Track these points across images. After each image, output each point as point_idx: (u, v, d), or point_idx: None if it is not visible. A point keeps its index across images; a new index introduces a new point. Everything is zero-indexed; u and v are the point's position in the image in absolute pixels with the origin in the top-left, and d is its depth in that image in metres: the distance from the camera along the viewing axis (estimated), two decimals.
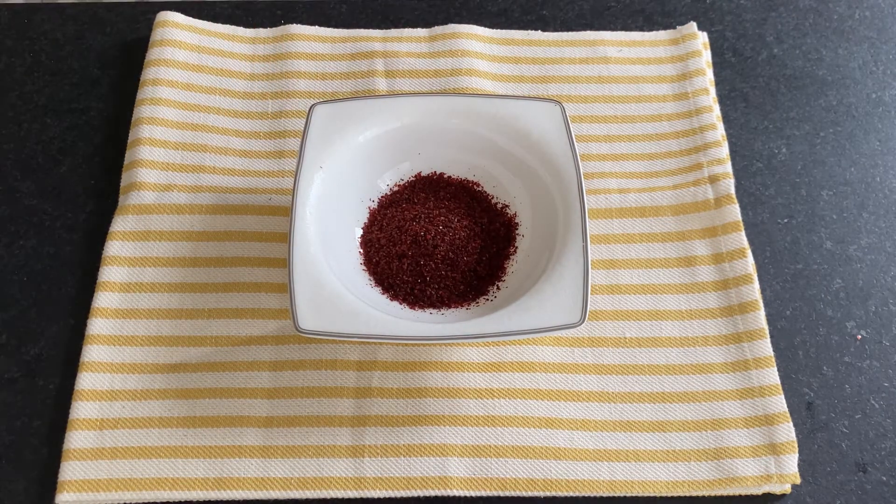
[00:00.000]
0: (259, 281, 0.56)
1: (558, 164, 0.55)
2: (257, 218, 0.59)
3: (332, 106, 0.56)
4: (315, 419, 0.52)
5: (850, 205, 0.62)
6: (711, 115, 0.63)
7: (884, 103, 0.66)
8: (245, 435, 0.51)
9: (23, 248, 0.58)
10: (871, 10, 0.72)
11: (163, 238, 0.57)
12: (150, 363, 0.53)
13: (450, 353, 0.54)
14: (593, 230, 0.58)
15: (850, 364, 0.55)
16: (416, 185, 0.59)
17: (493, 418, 0.52)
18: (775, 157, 0.64)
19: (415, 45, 0.67)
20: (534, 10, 0.71)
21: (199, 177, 0.60)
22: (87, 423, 0.51)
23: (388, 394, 0.52)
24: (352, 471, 0.50)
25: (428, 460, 0.50)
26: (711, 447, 0.51)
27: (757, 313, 0.55)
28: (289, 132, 0.63)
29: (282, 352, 0.54)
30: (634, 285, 0.57)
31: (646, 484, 0.50)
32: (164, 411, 0.52)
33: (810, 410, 0.54)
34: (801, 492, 0.51)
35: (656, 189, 0.61)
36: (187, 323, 0.55)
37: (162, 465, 0.50)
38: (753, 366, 0.54)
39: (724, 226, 0.58)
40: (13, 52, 0.67)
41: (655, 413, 0.52)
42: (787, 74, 0.68)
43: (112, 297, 0.55)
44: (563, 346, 0.55)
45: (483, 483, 0.50)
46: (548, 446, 0.51)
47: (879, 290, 0.58)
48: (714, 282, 0.57)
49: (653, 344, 0.55)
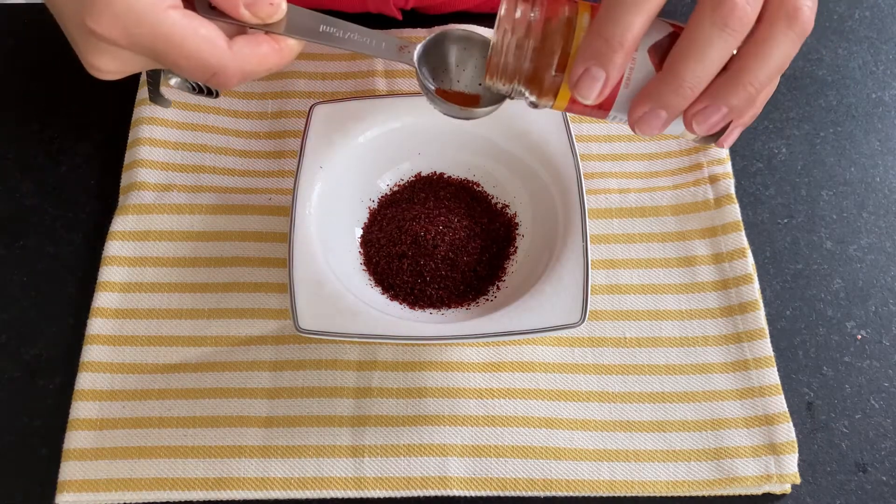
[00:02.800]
0: (259, 281, 0.56)
1: (558, 164, 0.55)
2: (257, 218, 0.59)
3: (332, 106, 0.56)
4: (315, 419, 0.52)
5: (850, 205, 0.62)
6: None
7: (884, 103, 0.66)
8: (245, 435, 0.51)
9: (23, 248, 0.58)
10: (871, 10, 0.72)
11: (163, 238, 0.57)
12: (149, 363, 0.53)
13: (450, 353, 0.54)
14: (593, 230, 0.58)
15: (850, 364, 0.55)
16: (416, 185, 0.59)
17: (493, 418, 0.52)
18: (775, 157, 0.64)
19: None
20: None
21: (199, 177, 0.60)
22: (87, 423, 0.51)
23: (388, 394, 0.52)
24: (352, 471, 0.50)
25: (428, 460, 0.50)
26: (711, 447, 0.51)
27: (757, 313, 0.55)
28: (289, 132, 0.63)
29: (282, 352, 0.54)
30: (634, 285, 0.57)
31: (646, 484, 0.50)
32: (164, 411, 0.52)
33: (810, 410, 0.54)
34: (801, 492, 0.51)
35: (656, 189, 0.61)
36: (187, 323, 0.55)
37: (162, 465, 0.50)
38: (753, 366, 0.54)
39: (724, 226, 0.58)
40: (13, 52, 0.67)
41: (655, 413, 0.52)
42: (787, 74, 0.68)
43: (112, 297, 0.55)
44: (563, 346, 0.55)
45: (483, 483, 0.50)
46: (548, 446, 0.51)
47: (879, 290, 0.58)
48: (714, 282, 0.57)
49: (653, 344, 0.55)
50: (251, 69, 0.40)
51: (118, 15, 0.36)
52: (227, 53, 0.38)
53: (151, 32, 0.37)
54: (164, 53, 0.38)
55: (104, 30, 0.36)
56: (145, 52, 0.38)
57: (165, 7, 0.37)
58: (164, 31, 0.37)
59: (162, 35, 0.37)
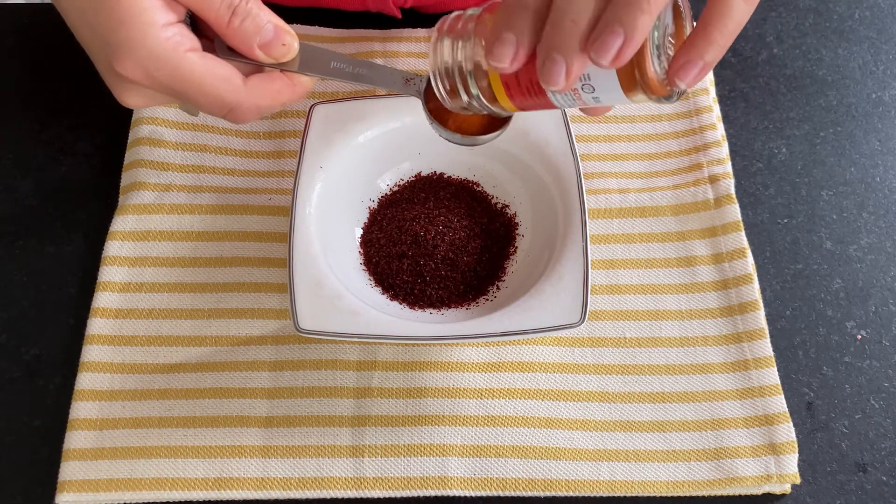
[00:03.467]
0: (259, 281, 0.56)
1: (558, 164, 0.55)
2: (257, 218, 0.59)
3: (332, 106, 0.56)
4: (315, 419, 0.52)
5: (850, 205, 0.62)
6: (711, 115, 0.63)
7: (884, 103, 0.66)
8: (245, 435, 0.51)
9: (23, 248, 0.58)
10: (871, 10, 0.72)
11: (163, 238, 0.57)
12: (149, 363, 0.53)
13: (450, 353, 0.54)
14: (593, 230, 0.58)
15: (850, 364, 0.55)
16: (416, 185, 0.59)
17: (493, 418, 0.52)
18: (775, 157, 0.64)
19: (415, 45, 0.67)
20: None
21: (199, 177, 0.60)
22: (87, 423, 0.51)
23: (388, 394, 0.52)
24: (352, 471, 0.50)
25: (428, 460, 0.50)
26: (711, 447, 0.51)
27: (757, 313, 0.55)
28: (289, 132, 0.63)
29: (282, 352, 0.54)
30: (634, 285, 0.57)
31: (646, 484, 0.50)
32: (164, 411, 0.52)
33: (810, 410, 0.54)
34: (801, 492, 0.51)
35: (656, 189, 0.61)
36: (187, 323, 0.55)
37: (162, 465, 0.50)
38: (753, 366, 0.54)
39: (724, 226, 0.58)
40: (13, 52, 0.67)
41: (655, 413, 0.52)
42: (787, 74, 0.68)
43: (112, 297, 0.55)
44: (563, 346, 0.55)
45: (483, 483, 0.50)
46: (548, 446, 0.51)
47: (879, 290, 0.58)
48: (714, 282, 0.57)
49: (653, 344, 0.55)
50: (266, 104, 0.43)
51: (140, 59, 0.40)
52: (242, 90, 0.42)
53: (171, 74, 0.40)
54: (183, 92, 0.41)
55: (128, 73, 0.40)
56: (167, 91, 0.41)
57: (184, 50, 0.41)
58: (182, 72, 0.40)
59: (181, 76, 0.40)
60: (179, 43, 0.40)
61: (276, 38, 0.42)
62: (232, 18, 0.41)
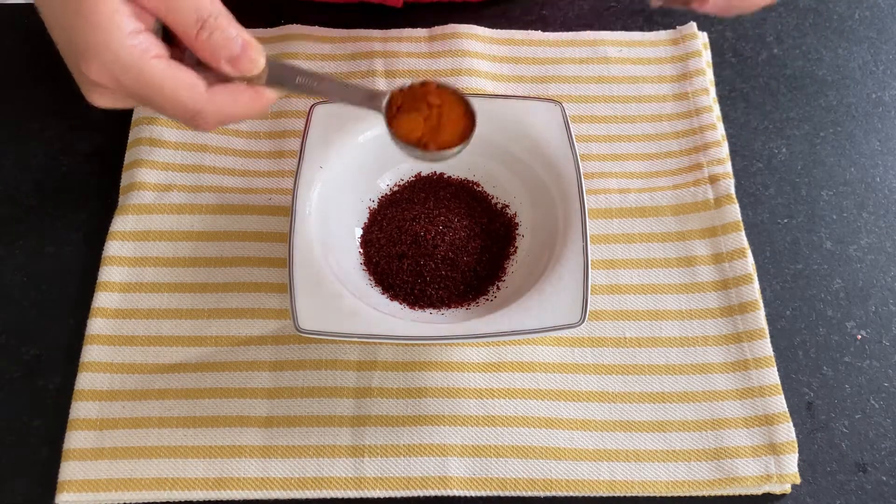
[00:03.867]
0: (259, 281, 0.56)
1: (558, 164, 0.55)
2: (257, 218, 0.59)
3: (332, 106, 0.56)
4: (315, 419, 0.52)
5: (850, 205, 0.62)
6: (711, 115, 0.63)
7: (884, 103, 0.66)
8: (245, 435, 0.51)
9: (23, 248, 0.58)
10: (871, 10, 0.72)
11: (163, 238, 0.57)
12: (149, 363, 0.53)
13: (450, 353, 0.54)
14: (593, 230, 0.58)
15: (850, 364, 0.55)
16: (416, 185, 0.59)
17: (493, 418, 0.52)
18: (775, 157, 0.64)
19: (415, 45, 0.67)
20: (534, 10, 0.71)
21: (199, 177, 0.60)
22: (87, 423, 0.51)
23: (388, 394, 0.52)
24: (352, 471, 0.50)
25: (428, 460, 0.50)
26: (711, 447, 0.51)
27: (757, 313, 0.55)
28: (289, 132, 0.63)
29: (282, 352, 0.54)
30: (634, 285, 0.57)
31: (646, 484, 0.50)
32: (164, 411, 0.52)
33: (810, 410, 0.54)
34: (801, 492, 0.51)
35: (656, 189, 0.61)
36: (187, 323, 0.55)
37: (162, 465, 0.50)
38: (753, 366, 0.54)
39: (724, 226, 0.58)
40: (13, 52, 0.67)
41: (655, 413, 0.52)
42: (787, 74, 0.68)
43: (112, 298, 0.55)
44: (563, 346, 0.55)
45: (483, 483, 0.50)
46: (548, 446, 0.51)
47: (879, 290, 0.58)
48: (714, 282, 0.57)
49: (653, 344, 0.55)
50: (228, 112, 0.44)
51: (106, 63, 0.41)
52: (205, 98, 0.43)
53: (136, 78, 0.41)
54: (148, 97, 0.42)
55: (95, 75, 0.41)
56: (132, 94, 0.42)
57: (150, 57, 0.41)
58: (146, 78, 0.41)
59: (145, 81, 0.41)
60: (146, 50, 0.41)
61: (244, 53, 0.43)
62: (200, 32, 0.42)
